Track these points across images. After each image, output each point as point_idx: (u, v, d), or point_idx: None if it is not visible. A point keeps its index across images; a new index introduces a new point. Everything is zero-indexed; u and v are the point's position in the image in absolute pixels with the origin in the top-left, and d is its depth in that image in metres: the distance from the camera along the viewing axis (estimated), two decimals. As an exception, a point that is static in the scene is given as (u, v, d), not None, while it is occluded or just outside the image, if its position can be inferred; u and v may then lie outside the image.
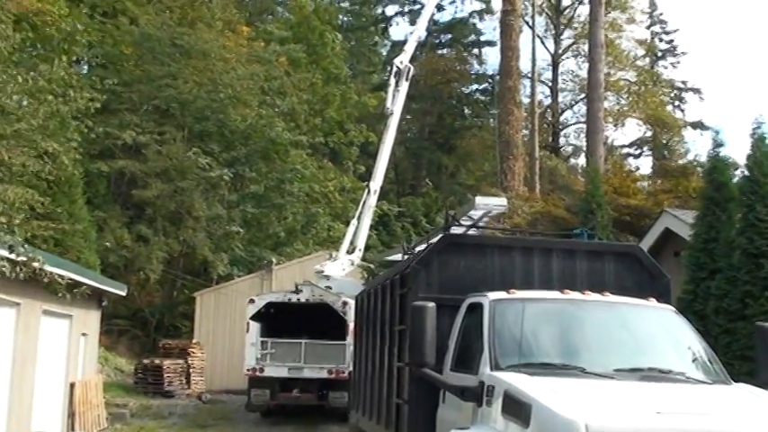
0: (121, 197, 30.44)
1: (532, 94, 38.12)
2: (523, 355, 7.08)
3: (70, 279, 12.85)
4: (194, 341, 26.71)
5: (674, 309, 8.12)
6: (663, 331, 7.74)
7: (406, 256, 12.04)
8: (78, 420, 17.35)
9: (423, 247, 11.20)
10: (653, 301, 8.09)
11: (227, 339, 27.29)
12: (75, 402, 17.30)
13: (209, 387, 25.96)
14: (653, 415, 5.79)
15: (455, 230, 9.83)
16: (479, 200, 9.57)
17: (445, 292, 8.48)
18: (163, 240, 28.24)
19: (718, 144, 12.69)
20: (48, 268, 11.64)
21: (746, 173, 12.01)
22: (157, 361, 24.58)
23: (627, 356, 7.28)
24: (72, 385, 17.31)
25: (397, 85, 25.83)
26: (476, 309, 7.93)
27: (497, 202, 9.83)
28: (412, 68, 26.63)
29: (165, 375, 24.14)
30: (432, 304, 7.56)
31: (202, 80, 31.98)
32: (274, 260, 28.86)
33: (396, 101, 25.74)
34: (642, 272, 9.01)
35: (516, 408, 6.22)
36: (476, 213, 9.83)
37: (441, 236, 9.25)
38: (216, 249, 29.21)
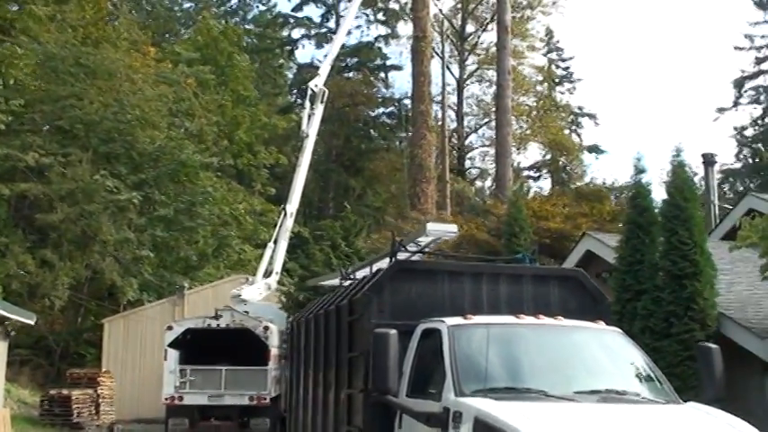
0: (23, 221, 29.17)
1: (443, 119, 38.82)
2: (486, 380, 7.17)
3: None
4: (104, 369, 25.79)
5: (621, 331, 8.40)
6: (613, 353, 8.00)
7: (345, 282, 12.05)
8: (-14, 457, 16.50)
9: (365, 272, 11.27)
10: (602, 324, 8.37)
11: (138, 367, 26.54)
12: (-18, 438, 16.46)
13: (120, 417, 25.10)
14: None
15: (399, 256, 9.91)
16: (431, 227, 9.67)
17: (397, 318, 8.48)
18: (69, 266, 27.20)
19: (639, 170, 13.25)
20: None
21: (668, 198, 12.54)
22: (65, 391, 23.55)
23: (584, 379, 7.49)
24: (-21, 420, 16.48)
25: (312, 107, 25.91)
26: (432, 334, 8.00)
27: (448, 229, 9.95)
28: (326, 91, 26.74)
29: (74, 406, 23.13)
30: (394, 331, 7.60)
31: (108, 101, 31.15)
32: (186, 284, 28.24)
33: (311, 123, 25.82)
34: (585, 295, 9.27)
35: (488, 433, 6.29)
36: (425, 240, 9.95)
37: (392, 262, 9.30)
38: (124, 274, 28.36)
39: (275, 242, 23.67)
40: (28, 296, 26.21)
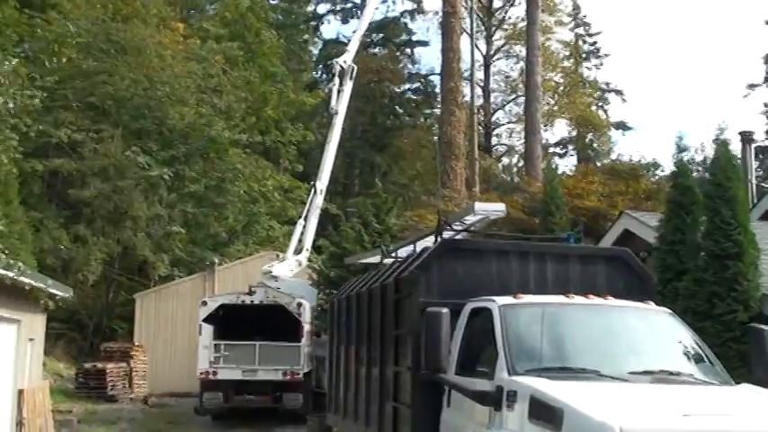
0: (56, 197, 29.46)
1: (471, 96, 38.61)
2: (539, 360, 7.21)
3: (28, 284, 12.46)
4: (136, 344, 26.12)
5: (671, 311, 8.38)
6: (664, 333, 7.99)
7: (386, 260, 12.11)
8: (27, 428, 16.78)
9: (407, 250, 11.31)
10: (651, 304, 8.36)
11: (169, 341, 26.84)
12: (24, 410, 16.72)
13: (152, 390, 25.44)
14: (680, 417, 5.98)
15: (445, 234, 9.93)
16: (479, 206, 9.66)
17: (444, 297, 8.53)
18: (102, 241, 27.47)
19: (681, 149, 13.15)
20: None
21: (710, 177, 12.45)
22: (100, 365, 23.94)
23: (637, 359, 7.48)
24: (20, 392, 16.73)
25: (341, 84, 25.86)
26: (481, 313, 8.04)
27: (496, 208, 9.94)
28: (355, 67, 26.68)
29: (109, 379, 23.54)
30: (446, 310, 7.67)
31: (138, 77, 31.26)
32: (216, 261, 28.44)
33: (340, 100, 25.79)
34: (631, 275, 9.28)
35: (545, 412, 6.31)
36: (472, 218, 9.94)
37: (440, 241, 9.33)
38: (156, 250, 28.60)
39: (305, 219, 23.74)
40: (62, 271, 26.50)
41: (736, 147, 18.85)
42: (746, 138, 18.82)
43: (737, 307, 11.73)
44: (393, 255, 11.87)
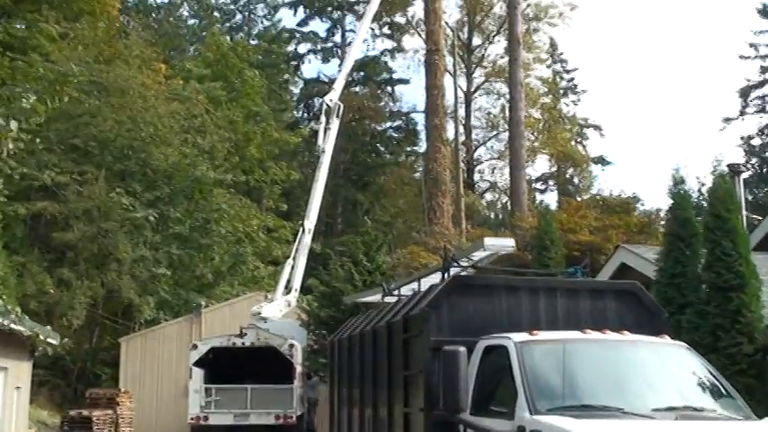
0: (39, 240, 29.02)
1: (456, 133, 38.75)
2: (561, 398, 7.05)
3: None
4: (122, 389, 25.58)
5: (687, 345, 8.27)
6: (683, 368, 7.85)
7: (386, 299, 11.93)
8: (14, 480, 16.31)
9: (412, 288, 11.13)
10: (666, 339, 8.25)
11: (156, 386, 26.34)
12: (11, 462, 16.27)
13: (139, 437, 24.89)
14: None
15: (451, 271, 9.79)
16: (488, 242, 9.51)
17: (455, 335, 8.35)
18: (86, 284, 27.02)
19: (678, 181, 13.16)
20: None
21: (709, 208, 12.45)
22: (86, 412, 23.29)
23: (659, 395, 7.33)
24: (7, 443, 16.29)
25: (327, 122, 25.88)
26: (496, 351, 7.86)
27: (506, 244, 9.80)
28: (341, 106, 26.74)
29: (95, 427, 22.94)
30: (463, 349, 7.51)
31: (122, 118, 31.09)
32: (203, 303, 28.07)
33: (327, 139, 25.78)
34: (641, 309, 9.16)
35: (572, 452, 6.16)
36: (480, 254, 9.82)
37: (451, 277, 9.19)
38: (141, 292, 28.19)
39: (294, 259, 23.56)
40: (45, 315, 26.02)
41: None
42: (735, 170, 18.93)
43: (742, 339, 11.67)
44: (395, 293, 11.69)
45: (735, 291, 11.85)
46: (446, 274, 9.57)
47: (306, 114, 56.03)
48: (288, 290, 22.98)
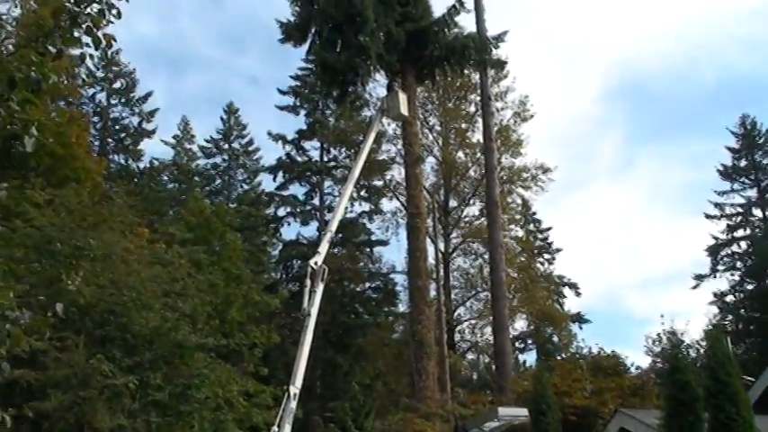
0: (14, 410, 27.97)
1: (438, 294, 39.01)
2: None
3: None
4: None
5: None
6: None
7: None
8: None
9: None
10: None
11: None
12: None
13: None
14: None
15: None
16: (502, 411, 9.43)
17: None
18: (61, 459, 25.90)
19: (676, 344, 13.27)
20: None
21: (709, 372, 12.51)
22: None
23: None
24: None
25: (312, 285, 26.03)
26: None
27: (519, 413, 9.68)
28: (326, 269, 26.98)
29: None
30: None
31: (104, 283, 30.88)
32: (182, 474, 26.93)
33: (312, 302, 25.86)
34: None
35: None
36: (494, 424, 9.66)
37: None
38: (119, 465, 27.01)
39: (278, 426, 22.96)
40: (16, 492, 24.75)
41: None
42: (723, 331, 19.19)
43: (754, 506, 11.45)
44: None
45: (742, 456, 11.74)
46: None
47: (284, 276, 56.25)
48: (273, 458, 22.26)
